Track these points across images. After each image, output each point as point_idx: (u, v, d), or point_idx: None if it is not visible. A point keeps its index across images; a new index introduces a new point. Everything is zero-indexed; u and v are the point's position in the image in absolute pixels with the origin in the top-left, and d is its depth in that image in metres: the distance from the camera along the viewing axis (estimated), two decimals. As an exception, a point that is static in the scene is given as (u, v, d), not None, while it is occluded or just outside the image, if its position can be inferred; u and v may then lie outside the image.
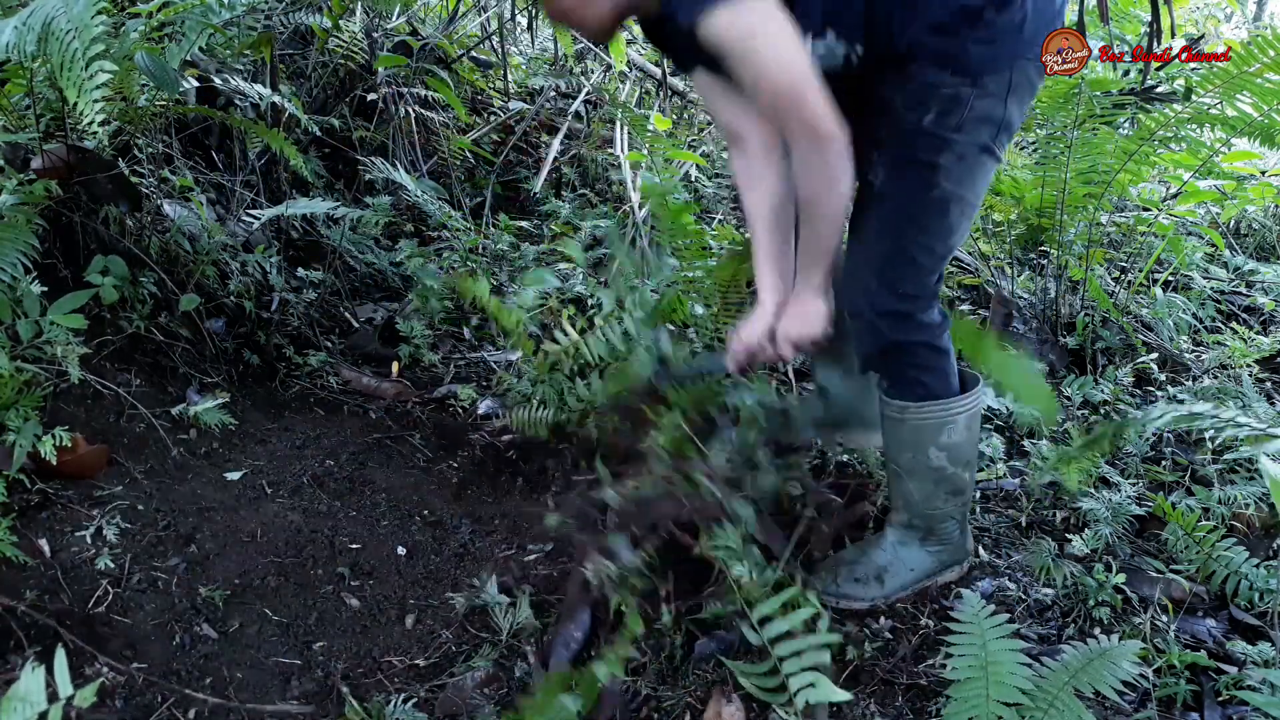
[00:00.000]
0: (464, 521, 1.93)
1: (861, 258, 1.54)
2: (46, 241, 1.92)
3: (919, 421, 1.59)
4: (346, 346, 2.52)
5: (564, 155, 3.57)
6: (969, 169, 1.45)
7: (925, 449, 1.60)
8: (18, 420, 1.66)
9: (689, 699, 1.49)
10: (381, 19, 3.31)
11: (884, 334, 1.53)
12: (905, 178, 1.47)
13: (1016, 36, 1.38)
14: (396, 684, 1.51)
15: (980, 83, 1.39)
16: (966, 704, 1.25)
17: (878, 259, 1.51)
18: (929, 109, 1.41)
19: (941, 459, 1.60)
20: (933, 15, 1.36)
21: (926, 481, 1.63)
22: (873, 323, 1.53)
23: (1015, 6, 1.36)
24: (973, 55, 1.37)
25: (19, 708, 0.94)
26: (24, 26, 1.46)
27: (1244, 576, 1.69)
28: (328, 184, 3.03)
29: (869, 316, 1.53)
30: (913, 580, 1.71)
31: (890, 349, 1.55)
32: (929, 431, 1.59)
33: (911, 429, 1.60)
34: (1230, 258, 3.44)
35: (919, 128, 1.42)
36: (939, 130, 1.41)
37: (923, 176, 1.45)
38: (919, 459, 1.61)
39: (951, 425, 1.59)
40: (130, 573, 1.61)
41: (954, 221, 1.49)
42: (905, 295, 1.51)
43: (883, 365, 1.58)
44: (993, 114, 1.42)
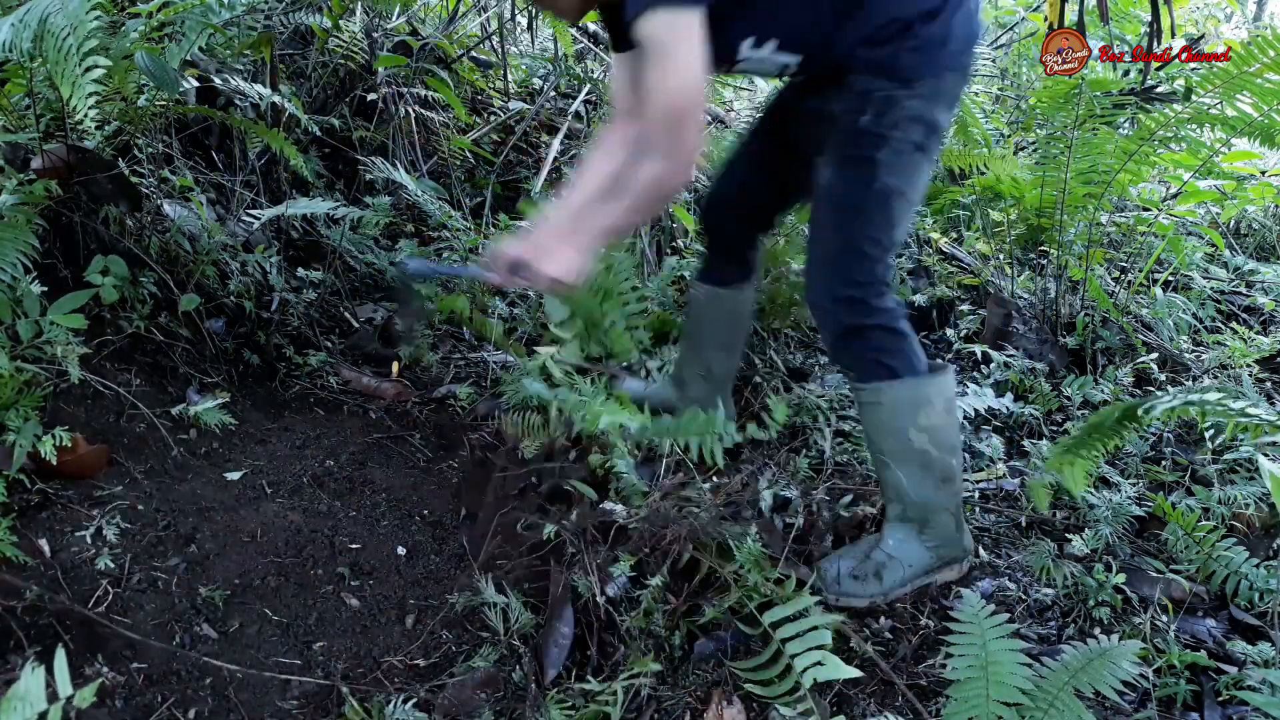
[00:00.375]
0: (464, 521, 1.93)
1: (817, 251, 1.68)
2: (46, 241, 1.92)
3: (893, 401, 1.66)
4: (346, 346, 2.52)
5: (564, 155, 3.57)
6: (905, 164, 1.60)
7: (905, 432, 1.66)
8: (18, 420, 1.66)
9: (689, 699, 1.49)
10: (381, 19, 3.31)
11: (841, 319, 1.65)
12: (849, 174, 1.61)
13: (942, 49, 1.56)
14: (396, 684, 1.51)
15: (911, 86, 1.56)
16: (966, 704, 1.25)
17: (830, 250, 1.65)
18: (866, 110, 1.57)
19: (924, 441, 1.66)
20: (866, 31, 1.54)
21: (913, 466, 1.68)
22: (830, 309, 1.66)
23: (940, 22, 1.54)
24: (904, 62, 1.54)
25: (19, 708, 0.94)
26: (20, 24, 1.46)
27: (1244, 576, 1.69)
28: (328, 184, 3.03)
29: (826, 304, 1.66)
30: (911, 576, 1.72)
31: (849, 333, 1.65)
32: (905, 412, 1.66)
33: (888, 411, 1.67)
34: (1230, 258, 3.43)
35: (858, 127, 1.57)
36: (876, 128, 1.56)
37: (864, 172, 1.59)
38: (901, 442, 1.67)
39: (928, 406, 1.66)
40: (130, 573, 1.61)
41: (896, 214, 1.62)
42: (857, 283, 1.62)
43: (846, 351, 1.68)
44: (924, 115, 1.58)
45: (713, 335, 2.14)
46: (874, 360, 1.65)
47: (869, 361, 1.66)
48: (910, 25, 1.53)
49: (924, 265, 3.18)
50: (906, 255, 3.26)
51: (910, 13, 1.53)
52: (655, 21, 1.40)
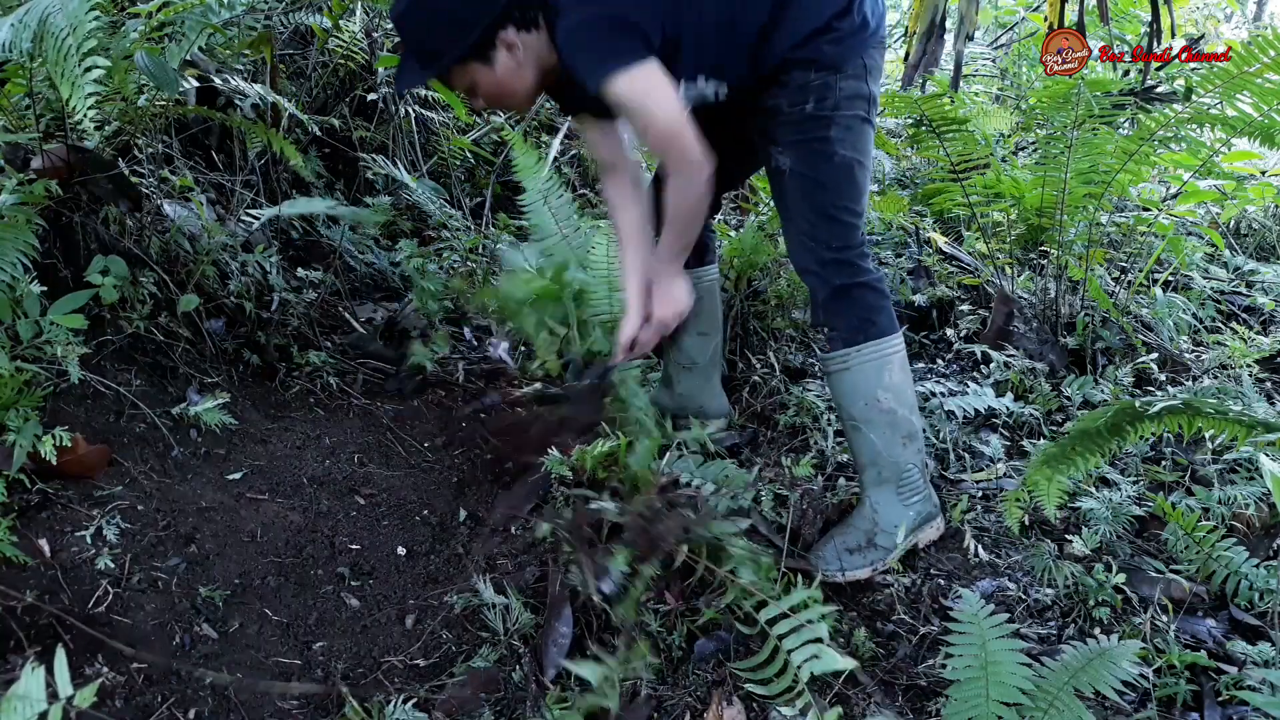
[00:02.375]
0: (464, 522, 1.93)
1: (794, 227, 1.82)
2: (46, 241, 1.92)
3: (861, 364, 1.80)
4: (347, 346, 2.52)
5: (564, 155, 3.57)
6: (855, 137, 1.76)
7: (873, 392, 1.80)
8: (18, 420, 1.66)
9: (689, 699, 1.49)
10: (381, 19, 3.31)
11: (831, 280, 1.79)
12: (806, 155, 1.76)
13: (861, 33, 1.71)
14: (396, 684, 1.51)
15: (842, 71, 1.71)
16: (966, 704, 1.25)
17: (806, 224, 1.79)
18: (808, 100, 1.72)
19: (889, 400, 1.80)
20: (789, 40, 1.68)
21: (883, 427, 1.81)
22: (818, 273, 1.80)
23: (854, 13, 1.69)
24: (827, 53, 1.69)
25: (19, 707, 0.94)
26: (20, 24, 1.46)
27: (1244, 576, 1.69)
28: (328, 184, 3.03)
29: (814, 268, 1.80)
30: (900, 537, 1.82)
31: (839, 292, 1.79)
32: (872, 374, 1.80)
33: (858, 375, 1.81)
34: (1230, 258, 3.44)
35: (805, 115, 1.73)
36: (821, 112, 1.72)
37: (821, 150, 1.74)
38: (870, 405, 1.81)
39: (888, 366, 1.80)
40: (130, 573, 1.61)
41: (860, 182, 1.79)
42: (839, 246, 1.78)
43: (836, 312, 1.80)
44: (859, 91, 1.73)
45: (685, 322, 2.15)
46: (863, 318, 1.79)
47: (857, 320, 1.79)
48: (828, 24, 1.68)
49: (924, 265, 3.18)
50: (906, 255, 3.26)
51: (823, 19, 1.68)
52: (619, 83, 1.55)
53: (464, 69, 1.67)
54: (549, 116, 3.78)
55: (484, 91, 1.72)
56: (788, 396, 2.39)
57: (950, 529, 1.95)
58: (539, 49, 1.68)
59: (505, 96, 1.74)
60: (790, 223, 1.83)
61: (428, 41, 1.64)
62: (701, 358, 2.21)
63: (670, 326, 1.91)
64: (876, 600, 1.75)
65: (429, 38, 1.63)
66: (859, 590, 1.78)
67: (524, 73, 1.70)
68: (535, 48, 1.68)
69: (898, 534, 1.81)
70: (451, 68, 1.66)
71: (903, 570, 1.83)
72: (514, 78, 1.69)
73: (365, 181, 3.12)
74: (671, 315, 1.88)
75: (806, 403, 2.33)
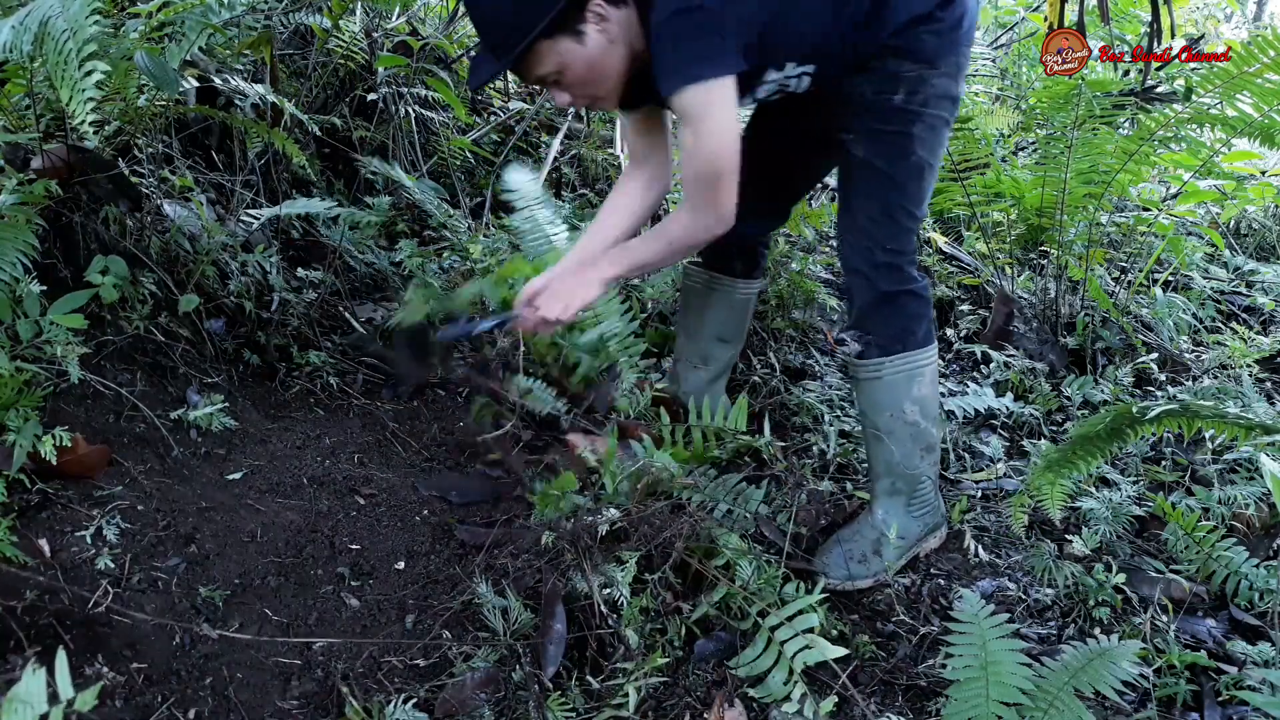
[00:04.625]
0: (464, 522, 1.93)
1: (852, 220, 1.75)
2: (46, 241, 1.92)
3: (893, 375, 1.75)
4: (347, 346, 2.51)
5: (564, 155, 3.57)
6: (934, 139, 1.70)
7: (901, 404, 1.76)
8: (18, 420, 1.66)
9: (689, 699, 1.49)
10: (381, 19, 3.30)
11: (878, 284, 1.73)
12: (884, 148, 1.69)
13: (958, 29, 1.65)
14: (396, 684, 1.51)
15: (936, 66, 1.64)
16: (966, 704, 1.25)
17: (866, 219, 1.72)
18: (899, 90, 1.64)
19: (915, 413, 1.77)
20: (892, 26, 1.60)
21: (905, 439, 1.78)
22: (867, 275, 1.73)
23: (956, 6, 1.63)
24: (927, 44, 1.62)
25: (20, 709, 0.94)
26: (20, 26, 1.46)
27: (1244, 576, 1.69)
28: (328, 184, 3.03)
29: (864, 269, 1.73)
30: (906, 547, 1.82)
31: (883, 298, 1.73)
32: (902, 385, 1.76)
33: (888, 385, 1.76)
34: (1230, 258, 3.44)
35: (892, 105, 1.65)
36: (909, 105, 1.65)
37: (899, 145, 1.67)
38: (896, 417, 1.77)
39: (920, 378, 1.76)
40: (130, 573, 1.61)
41: (926, 186, 1.73)
42: (892, 250, 1.71)
43: (878, 317, 1.75)
44: (949, 91, 1.68)
45: (712, 325, 2.12)
46: (903, 326, 1.74)
47: (897, 328, 1.74)
48: (930, 13, 1.60)
49: (924, 265, 3.18)
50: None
51: (928, 5, 1.60)
52: (693, 95, 1.47)
53: (551, 47, 1.48)
54: (549, 116, 3.77)
55: (574, 75, 1.52)
56: (788, 397, 2.39)
57: (950, 529, 1.95)
58: (629, 28, 1.52)
59: (597, 81, 1.55)
60: (849, 216, 1.75)
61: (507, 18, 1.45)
62: (715, 363, 2.17)
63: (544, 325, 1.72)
64: (876, 600, 1.75)
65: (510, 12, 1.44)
66: (859, 591, 1.78)
67: (616, 51, 1.52)
68: (625, 26, 1.51)
69: (903, 546, 1.80)
70: (536, 47, 1.46)
71: (903, 571, 1.83)
72: (607, 57, 1.52)
73: (365, 181, 3.11)
74: (554, 314, 1.68)
75: (807, 404, 2.33)
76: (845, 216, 1.76)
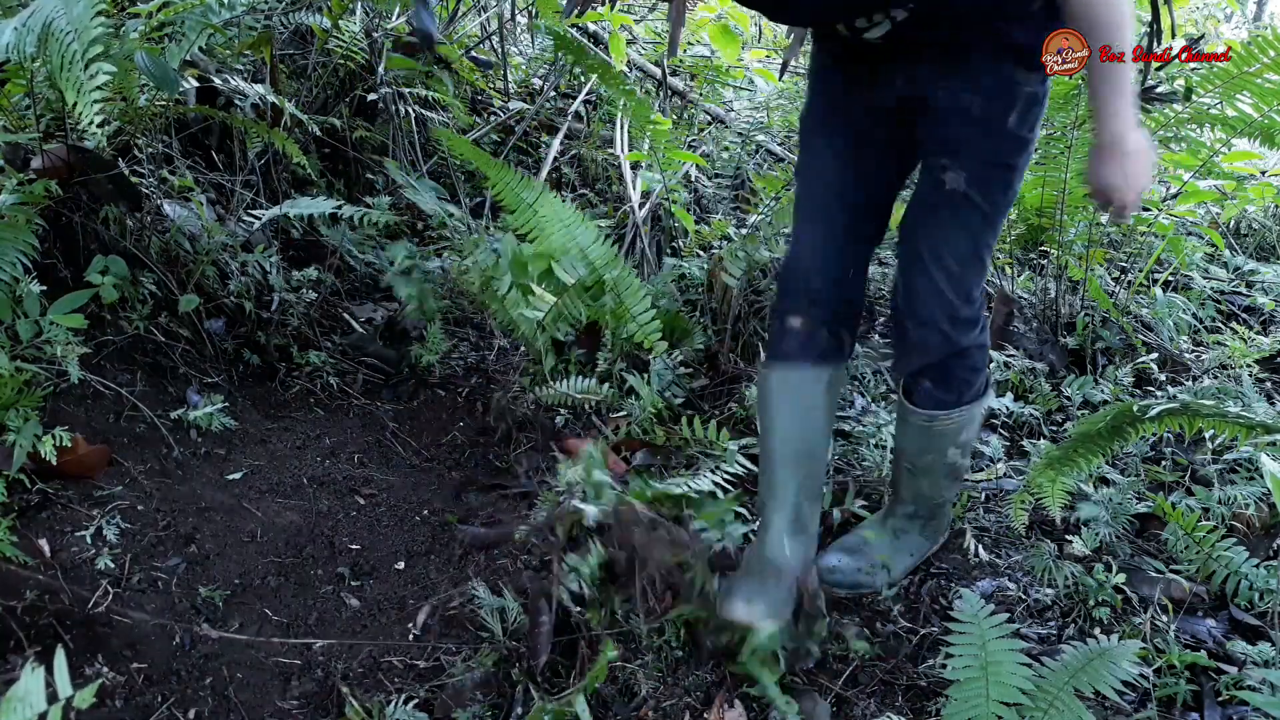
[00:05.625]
0: (464, 522, 1.93)
1: (937, 268, 1.47)
2: (46, 241, 1.92)
3: (945, 426, 1.60)
4: (347, 346, 2.52)
5: (564, 155, 3.57)
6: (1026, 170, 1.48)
7: (945, 449, 1.63)
8: (18, 420, 1.66)
9: (688, 699, 1.49)
10: (381, 19, 3.30)
11: (956, 340, 1.50)
12: (989, 181, 1.43)
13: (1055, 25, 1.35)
14: (396, 684, 1.51)
15: (1046, 80, 1.39)
16: (966, 704, 1.25)
17: (955, 266, 1.46)
18: (1014, 110, 1.38)
19: (957, 455, 1.66)
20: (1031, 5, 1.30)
21: (940, 476, 1.68)
22: (947, 332, 1.50)
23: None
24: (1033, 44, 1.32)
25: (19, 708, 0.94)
26: (24, 27, 1.46)
27: (1244, 576, 1.69)
28: (328, 184, 3.03)
29: (944, 325, 1.49)
30: (914, 563, 1.79)
31: (957, 355, 1.53)
32: (952, 433, 1.62)
33: (937, 434, 1.62)
34: (1230, 258, 3.43)
35: (1005, 130, 1.39)
36: (1020, 131, 1.40)
37: (1004, 179, 1.44)
38: (938, 459, 1.65)
39: (969, 425, 1.64)
40: (130, 573, 1.61)
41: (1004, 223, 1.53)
42: (973, 299, 1.51)
43: (944, 372, 1.55)
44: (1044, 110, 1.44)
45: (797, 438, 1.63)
46: (963, 379, 1.57)
47: (958, 381, 1.57)
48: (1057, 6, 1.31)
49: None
50: None
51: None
52: None
53: None
54: (549, 116, 3.77)
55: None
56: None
57: (950, 529, 1.95)
58: None
59: None
60: (934, 261, 1.47)
61: None
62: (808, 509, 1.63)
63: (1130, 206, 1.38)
64: (876, 601, 1.75)
65: None
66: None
67: None
68: None
69: (911, 562, 1.78)
70: None
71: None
72: None
73: (365, 181, 3.12)
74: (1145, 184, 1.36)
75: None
76: (929, 259, 1.48)
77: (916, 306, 1.51)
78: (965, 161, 1.41)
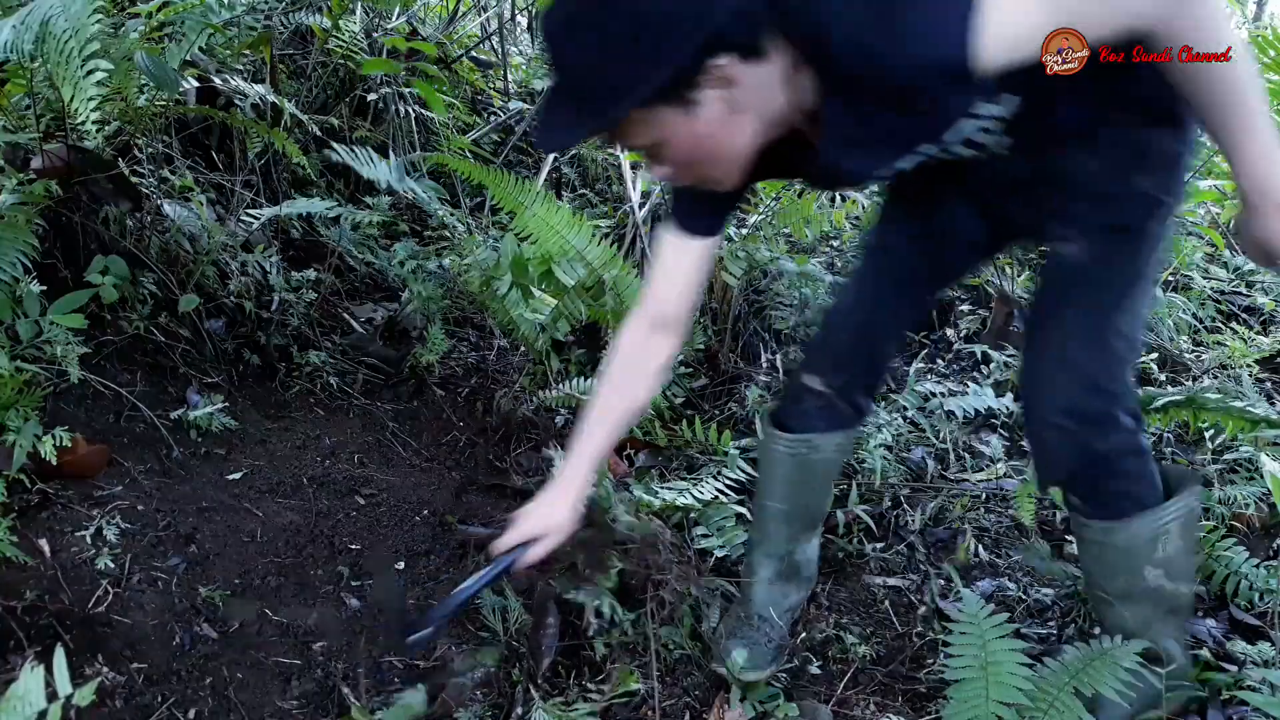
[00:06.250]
0: (464, 522, 1.93)
1: (1055, 353, 1.30)
2: (46, 241, 1.92)
3: (1127, 540, 1.35)
4: (348, 346, 2.52)
5: (564, 155, 3.57)
6: (1167, 238, 1.29)
7: (1139, 570, 1.36)
8: (18, 420, 1.66)
9: (688, 699, 1.49)
10: (381, 19, 3.31)
11: (1087, 445, 1.29)
12: (1114, 250, 1.25)
13: None
14: (396, 684, 1.51)
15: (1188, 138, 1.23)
16: (966, 704, 1.25)
17: (1080, 351, 1.27)
18: (1144, 169, 1.22)
19: (1159, 577, 1.36)
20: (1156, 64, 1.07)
21: (1144, 605, 1.39)
22: (1072, 431, 1.28)
23: None
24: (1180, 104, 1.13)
25: (18, 707, 0.94)
26: (22, 26, 1.46)
27: (1244, 576, 1.69)
28: (328, 184, 3.03)
29: (1067, 424, 1.28)
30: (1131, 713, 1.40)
31: (1095, 461, 1.30)
32: (1142, 550, 1.35)
33: (1121, 552, 1.36)
34: (1230, 258, 3.43)
35: (1134, 191, 1.23)
36: (1156, 192, 1.23)
37: (1132, 246, 1.26)
38: (1133, 582, 1.37)
39: (1164, 537, 1.34)
40: (130, 573, 1.61)
41: (1148, 301, 1.32)
42: (1108, 393, 1.27)
43: (1081, 483, 1.34)
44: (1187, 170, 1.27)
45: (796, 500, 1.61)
46: (1118, 491, 1.33)
47: (1111, 494, 1.33)
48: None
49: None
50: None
51: None
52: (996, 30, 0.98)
53: (647, 118, 1.06)
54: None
55: (676, 153, 1.11)
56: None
57: (950, 529, 1.95)
58: (768, 88, 1.08)
59: (707, 161, 1.14)
60: (1045, 342, 1.31)
61: (598, 74, 1.03)
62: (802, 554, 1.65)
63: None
64: (876, 600, 1.75)
65: (602, 67, 1.02)
66: (861, 590, 1.78)
67: (741, 125, 1.10)
68: (762, 87, 1.08)
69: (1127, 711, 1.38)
70: (629, 114, 1.05)
71: (903, 571, 1.83)
72: (726, 133, 1.09)
73: (365, 181, 3.12)
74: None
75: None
76: (1042, 345, 1.32)
77: (1033, 404, 1.34)
78: (1088, 231, 1.26)
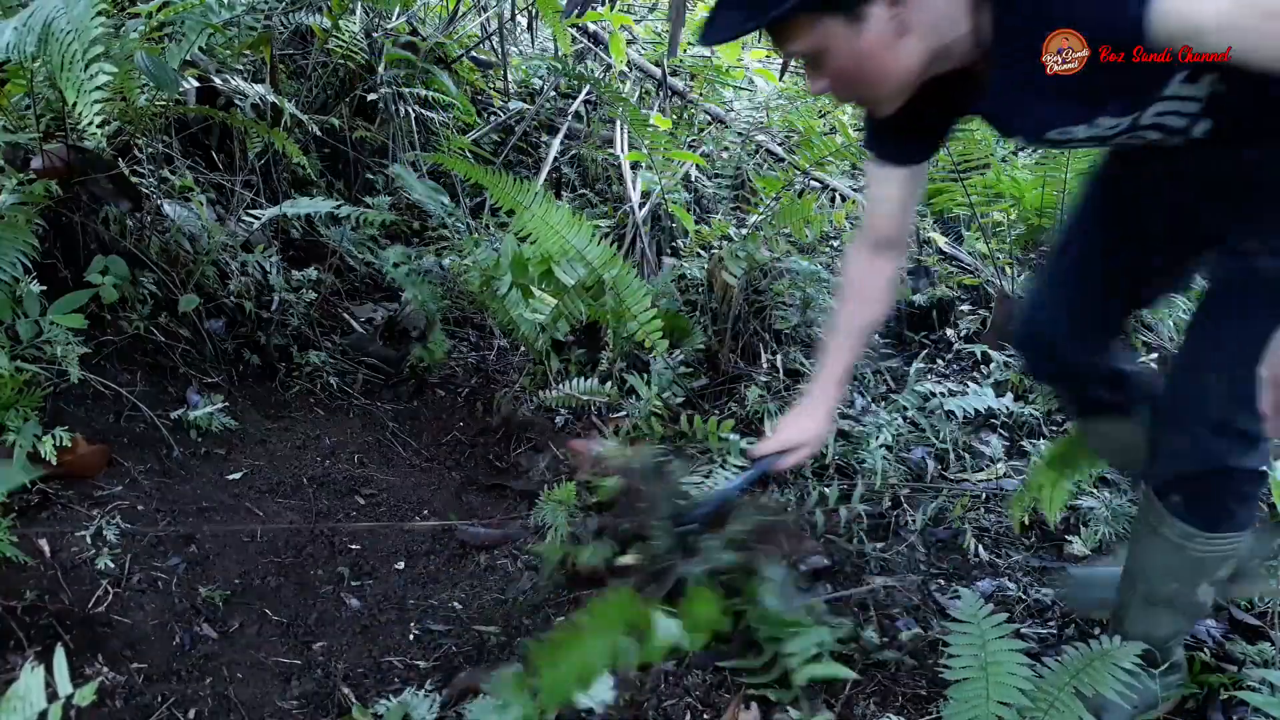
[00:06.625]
0: (464, 522, 1.93)
1: (1212, 361, 1.24)
2: (46, 241, 1.92)
3: (1204, 554, 1.31)
4: (347, 346, 2.52)
5: (564, 155, 3.57)
6: None
7: (1197, 584, 1.34)
8: (18, 420, 1.66)
9: (688, 699, 1.49)
10: (381, 19, 3.30)
11: (1216, 456, 1.24)
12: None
13: None
14: (396, 684, 1.51)
15: None
16: (966, 704, 1.25)
17: (1236, 365, 1.15)
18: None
19: (1209, 595, 1.36)
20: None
21: (1182, 618, 1.39)
22: (1210, 440, 1.23)
23: None
24: None
25: (19, 707, 0.94)
26: (24, 27, 1.46)
27: (1244, 577, 1.68)
28: (328, 184, 3.03)
29: (1205, 434, 1.23)
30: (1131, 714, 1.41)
31: (1220, 473, 1.25)
32: (1210, 565, 1.32)
33: (1192, 561, 1.32)
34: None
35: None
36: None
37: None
38: (1184, 593, 1.35)
39: (1227, 562, 1.33)
40: (130, 573, 1.61)
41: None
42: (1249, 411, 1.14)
43: (1193, 486, 1.29)
44: None
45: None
46: (1226, 507, 1.29)
47: (1218, 507, 1.29)
48: None
49: (924, 265, 3.18)
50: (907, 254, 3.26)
51: None
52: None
53: (813, 23, 1.05)
54: (548, 116, 3.77)
55: (836, 66, 1.09)
56: (789, 398, 2.39)
57: (950, 529, 1.95)
58: (945, 15, 1.06)
59: (866, 81, 1.11)
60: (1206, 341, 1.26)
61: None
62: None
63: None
64: (875, 600, 1.75)
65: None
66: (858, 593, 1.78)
67: (909, 49, 1.07)
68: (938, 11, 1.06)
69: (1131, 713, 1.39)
70: (796, 17, 1.04)
71: (902, 571, 1.83)
72: (890, 54, 1.07)
73: (365, 181, 3.12)
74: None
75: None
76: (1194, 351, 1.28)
77: (1176, 405, 1.29)
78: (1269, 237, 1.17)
